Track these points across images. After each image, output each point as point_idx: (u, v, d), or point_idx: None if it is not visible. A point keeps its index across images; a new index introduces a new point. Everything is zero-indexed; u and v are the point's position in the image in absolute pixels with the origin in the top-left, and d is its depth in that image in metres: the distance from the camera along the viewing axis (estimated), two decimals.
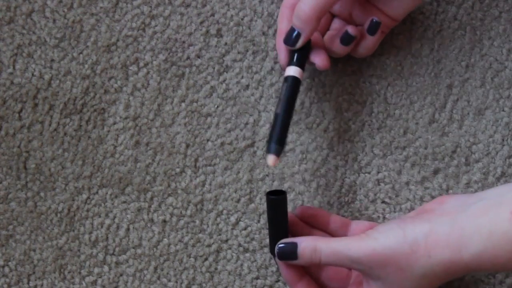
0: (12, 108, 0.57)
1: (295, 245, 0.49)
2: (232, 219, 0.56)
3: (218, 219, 0.56)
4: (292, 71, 0.52)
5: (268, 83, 0.57)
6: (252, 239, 0.56)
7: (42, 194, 0.57)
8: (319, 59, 0.52)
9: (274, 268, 0.56)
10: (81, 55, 0.57)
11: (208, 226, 0.56)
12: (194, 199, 0.57)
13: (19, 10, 0.57)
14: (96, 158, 0.57)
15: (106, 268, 0.56)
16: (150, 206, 0.57)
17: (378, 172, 0.57)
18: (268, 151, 0.49)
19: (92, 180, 0.57)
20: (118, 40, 0.57)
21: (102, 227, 0.57)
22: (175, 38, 0.58)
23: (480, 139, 0.57)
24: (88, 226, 0.57)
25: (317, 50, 0.53)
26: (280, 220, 0.51)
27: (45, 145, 0.57)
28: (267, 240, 0.56)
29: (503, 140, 0.56)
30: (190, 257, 0.56)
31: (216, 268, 0.56)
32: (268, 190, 0.55)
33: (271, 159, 0.49)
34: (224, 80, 0.57)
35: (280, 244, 0.50)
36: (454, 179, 0.56)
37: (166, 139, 0.57)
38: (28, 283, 0.56)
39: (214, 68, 0.58)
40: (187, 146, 0.57)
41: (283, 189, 0.56)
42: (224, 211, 0.56)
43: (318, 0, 0.49)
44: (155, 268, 0.56)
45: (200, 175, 0.57)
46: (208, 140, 0.57)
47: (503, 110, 0.57)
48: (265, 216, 0.56)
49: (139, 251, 0.56)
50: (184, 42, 0.58)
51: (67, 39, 0.57)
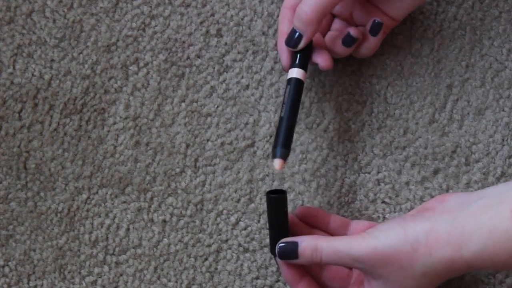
0: (12, 108, 0.57)
1: (295, 244, 0.49)
2: (232, 219, 0.56)
3: (218, 219, 0.56)
4: (295, 73, 0.52)
5: (268, 83, 0.57)
6: (252, 239, 0.56)
7: (42, 194, 0.57)
8: (322, 60, 0.52)
9: (274, 268, 0.56)
10: (81, 55, 0.57)
11: (208, 226, 0.56)
12: (194, 199, 0.57)
13: (19, 10, 0.57)
14: (96, 158, 0.57)
15: (106, 268, 0.56)
16: (150, 206, 0.57)
17: (378, 172, 0.57)
18: (274, 155, 0.49)
19: (92, 180, 0.57)
20: (118, 40, 0.57)
21: (102, 227, 0.56)
22: (175, 38, 0.58)
23: (480, 139, 0.57)
24: (88, 226, 0.57)
25: (319, 50, 0.53)
26: (281, 219, 0.51)
27: (45, 145, 0.57)
28: (267, 240, 0.56)
29: (503, 140, 0.56)
30: (190, 257, 0.56)
31: (216, 268, 0.56)
32: (268, 190, 0.55)
33: (277, 163, 0.49)
34: (224, 80, 0.57)
35: (281, 244, 0.49)
36: (454, 179, 0.56)
37: (166, 139, 0.57)
38: (28, 283, 0.56)
39: (214, 68, 0.58)
40: (187, 146, 0.57)
41: (283, 189, 0.56)
42: (224, 211, 0.56)
43: (319, 1, 0.49)
44: (155, 268, 0.56)
45: (200, 175, 0.57)
46: (208, 140, 0.57)
47: (503, 110, 0.57)
48: (265, 216, 0.56)
49: (139, 251, 0.56)
50: (184, 42, 0.58)
51: (67, 39, 0.57)
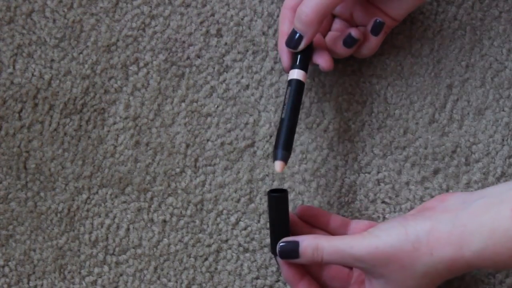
0: (12, 108, 0.57)
1: (296, 243, 0.49)
2: (232, 219, 0.56)
3: (218, 219, 0.56)
4: (296, 74, 0.52)
5: (268, 83, 0.57)
6: (252, 239, 0.56)
7: (42, 194, 0.57)
8: (322, 60, 0.52)
9: (274, 268, 0.56)
10: (81, 55, 0.57)
11: (208, 226, 0.56)
12: (194, 199, 0.57)
13: (19, 10, 0.57)
14: (96, 158, 0.57)
15: (106, 268, 0.56)
16: (150, 206, 0.57)
17: (378, 172, 0.57)
18: (275, 157, 0.49)
19: (92, 180, 0.57)
20: (118, 40, 0.57)
21: (102, 227, 0.56)
22: (175, 38, 0.58)
23: (480, 139, 0.57)
24: (88, 226, 0.57)
25: (320, 51, 0.53)
26: (282, 218, 0.51)
27: (45, 145, 0.57)
28: (267, 240, 0.56)
29: (503, 140, 0.56)
30: (190, 257, 0.56)
31: (216, 268, 0.56)
32: (269, 189, 0.55)
33: (278, 165, 0.49)
34: (224, 80, 0.57)
35: (282, 243, 0.49)
36: (454, 179, 0.56)
37: (166, 139, 0.57)
38: (28, 283, 0.56)
39: (214, 68, 0.58)
40: (187, 146, 0.57)
41: (284, 188, 0.56)
42: (224, 211, 0.56)
43: (320, 2, 0.49)
44: (155, 268, 0.56)
45: (200, 175, 0.57)
46: (208, 140, 0.57)
47: (503, 110, 0.57)
48: (265, 216, 0.56)
49: (139, 251, 0.56)
50: (184, 42, 0.58)
51: (67, 39, 0.57)
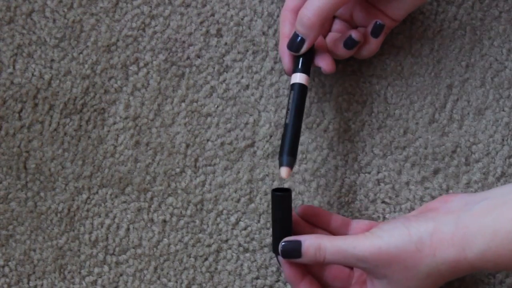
0: (12, 108, 0.57)
1: (299, 243, 0.49)
2: (232, 219, 0.56)
3: (218, 219, 0.56)
4: (298, 78, 0.51)
5: (268, 83, 0.57)
6: (252, 239, 0.56)
7: (42, 194, 0.57)
8: (324, 63, 0.52)
9: (274, 268, 0.56)
10: (81, 55, 0.57)
11: (208, 226, 0.56)
12: (194, 199, 0.57)
13: (19, 10, 0.57)
14: (96, 158, 0.57)
15: (106, 268, 0.56)
16: (150, 206, 0.57)
17: (378, 172, 0.57)
18: (281, 164, 0.49)
19: (92, 180, 0.57)
20: (118, 40, 0.57)
21: (102, 227, 0.56)
22: (175, 38, 0.58)
23: (480, 139, 0.57)
24: (88, 226, 0.57)
25: (321, 54, 0.53)
26: (285, 218, 0.50)
27: (45, 145, 0.57)
28: (267, 240, 0.56)
29: (503, 140, 0.56)
30: (190, 257, 0.56)
31: (216, 268, 0.56)
32: (271, 188, 0.55)
33: (284, 171, 0.49)
34: (224, 80, 0.57)
35: (284, 242, 0.49)
36: (454, 179, 0.56)
37: (166, 139, 0.57)
38: (28, 283, 0.56)
39: (214, 68, 0.58)
40: (187, 146, 0.57)
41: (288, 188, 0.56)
42: (224, 211, 0.56)
43: (321, 6, 0.49)
44: (155, 268, 0.56)
45: (200, 175, 0.57)
46: (208, 140, 0.57)
47: (503, 110, 0.57)
48: (265, 216, 0.56)
49: (139, 251, 0.56)
50: (184, 42, 0.58)
51: (67, 39, 0.57)
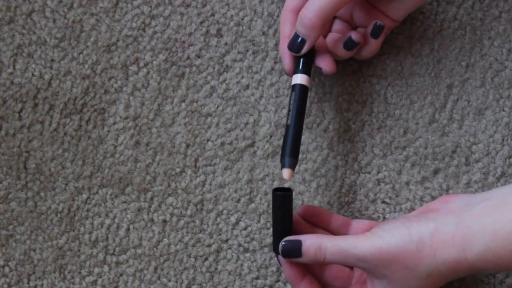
0: (12, 108, 0.57)
1: (299, 242, 0.49)
2: (232, 219, 0.56)
3: (218, 219, 0.56)
4: (299, 79, 0.51)
5: (268, 83, 0.57)
6: (252, 239, 0.56)
7: (42, 194, 0.57)
8: (325, 64, 0.52)
9: (274, 268, 0.56)
10: (81, 55, 0.57)
11: (208, 226, 0.56)
12: (194, 199, 0.57)
13: (19, 10, 0.57)
14: (96, 158, 0.57)
15: (106, 268, 0.56)
16: (150, 206, 0.57)
17: (378, 172, 0.57)
18: (283, 165, 0.49)
19: (92, 180, 0.57)
20: (118, 40, 0.57)
21: (102, 227, 0.56)
22: (175, 38, 0.58)
23: (480, 139, 0.57)
24: (88, 226, 0.57)
25: (322, 54, 0.53)
26: (285, 217, 0.50)
27: (45, 145, 0.57)
28: (267, 240, 0.56)
29: (503, 140, 0.56)
30: (190, 257, 0.56)
31: (216, 268, 0.56)
32: (272, 188, 0.55)
33: (286, 173, 0.49)
34: (224, 80, 0.57)
35: (284, 242, 0.49)
36: (454, 179, 0.56)
37: (166, 139, 0.57)
38: (28, 283, 0.56)
39: (214, 68, 0.58)
40: (187, 146, 0.57)
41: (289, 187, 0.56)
42: (224, 211, 0.56)
43: (322, 7, 0.49)
44: (155, 268, 0.56)
45: (200, 175, 0.57)
46: (208, 140, 0.57)
47: (503, 110, 0.57)
48: (265, 216, 0.56)
49: (139, 251, 0.56)
50: (184, 42, 0.58)
51: (67, 39, 0.57)
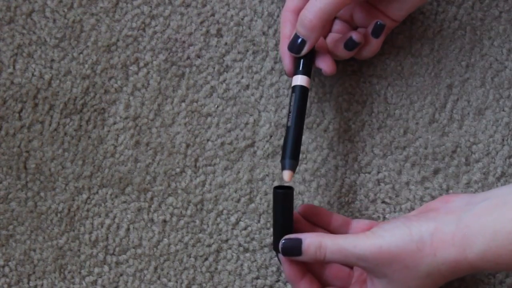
0: (12, 108, 0.57)
1: (299, 241, 0.49)
2: (232, 219, 0.56)
3: (218, 219, 0.56)
4: (299, 80, 0.51)
5: (268, 83, 0.57)
6: (252, 239, 0.56)
7: (42, 194, 0.57)
8: (325, 65, 0.52)
9: (274, 268, 0.56)
10: (81, 55, 0.57)
11: (208, 226, 0.56)
12: (194, 199, 0.57)
13: (19, 10, 0.57)
14: (96, 158, 0.57)
15: (106, 268, 0.56)
16: (150, 206, 0.57)
17: (378, 172, 0.57)
18: (283, 167, 0.49)
19: (92, 180, 0.57)
20: (118, 40, 0.57)
21: (102, 227, 0.56)
22: (175, 38, 0.58)
23: (480, 139, 0.57)
24: (88, 226, 0.57)
25: (322, 55, 0.53)
26: (286, 215, 0.50)
27: (45, 145, 0.57)
28: (267, 240, 0.56)
29: (503, 140, 0.56)
30: (190, 257, 0.56)
31: (216, 268, 0.56)
32: (274, 186, 0.55)
33: (286, 174, 0.49)
34: (224, 80, 0.57)
35: (284, 240, 0.49)
36: (454, 179, 0.56)
37: (166, 139, 0.57)
38: (28, 283, 0.56)
39: (214, 68, 0.58)
40: (187, 146, 0.57)
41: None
42: (224, 211, 0.56)
43: (323, 8, 0.49)
44: (155, 268, 0.56)
45: (200, 175, 0.57)
46: (208, 140, 0.57)
47: (503, 110, 0.57)
48: (265, 216, 0.56)
49: (139, 251, 0.56)
50: (184, 42, 0.58)
51: (67, 39, 0.57)
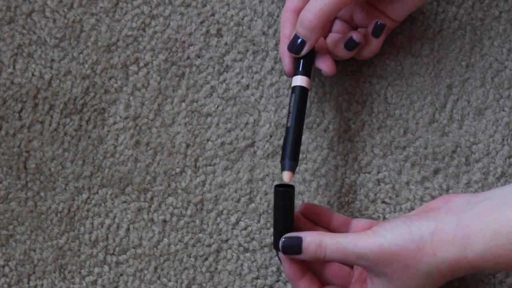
0: (12, 108, 0.57)
1: (299, 239, 0.49)
2: (232, 219, 0.56)
3: (218, 219, 0.56)
4: (299, 80, 0.51)
5: (268, 83, 0.57)
6: (252, 239, 0.56)
7: (42, 194, 0.57)
8: (325, 65, 0.52)
9: (274, 268, 0.56)
10: (81, 55, 0.57)
11: (208, 226, 0.56)
12: (194, 199, 0.57)
13: (19, 10, 0.57)
14: (96, 158, 0.57)
15: (106, 268, 0.56)
16: (150, 206, 0.57)
17: (378, 172, 0.57)
18: (283, 168, 0.50)
19: (92, 180, 0.57)
20: (118, 40, 0.57)
21: (102, 227, 0.56)
22: (175, 38, 0.58)
23: (480, 139, 0.57)
24: (88, 226, 0.57)
25: (322, 55, 0.52)
26: (287, 213, 0.50)
27: (45, 145, 0.57)
28: (267, 240, 0.56)
29: (503, 140, 0.56)
30: (190, 257, 0.56)
31: (216, 268, 0.56)
32: (275, 184, 0.55)
33: (286, 175, 0.49)
34: (224, 80, 0.57)
35: (285, 238, 0.49)
36: (454, 179, 0.56)
37: (166, 139, 0.57)
38: (28, 283, 0.56)
39: (214, 68, 0.58)
40: (187, 146, 0.57)
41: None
42: (224, 211, 0.56)
43: (323, 8, 0.49)
44: (155, 268, 0.56)
45: (200, 175, 0.57)
46: (208, 140, 0.57)
47: (503, 110, 0.57)
48: (265, 216, 0.56)
49: (139, 251, 0.56)
50: (184, 42, 0.58)
51: (67, 39, 0.57)
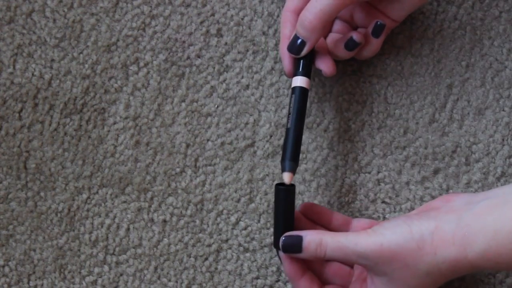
0: (12, 108, 0.57)
1: (300, 238, 0.49)
2: (232, 219, 0.56)
3: (218, 219, 0.56)
4: (299, 81, 0.51)
5: (268, 83, 0.57)
6: (252, 239, 0.56)
7: (42, 194, 0.57)
8: (325, 66, 0.52)
9: (274, 268, 0.56)
10: (81, 55, 0.57)
11: (208, 226, 0.56)
12: (194, 199, 0.57)
13: (19, 10, 0.57)
14: (96, 158, 0.57)
15: (106, 268, 0.56)
16: (150, 206, 0.57)
17: (378, 172, 0.57)
18: (283, 169, 0.50)
19: (92, 180, 0.57)
20: (118, 40, 0.57)
21: (102, 227, 0.56)
22: (175, 38, 0.58)
23: (480, 139, 0.57)
24: (88, 226, 0.57)
25: (322, 56, 0.52)
26: (287, 212, 0.50)
27: (45, 145, 0.57)
28: (267, 240, 0.56)
29: (503, 140, 0.57)
30: (190, 257, 0.56)
31: (216, 268, 0.56)
32: (277, 183, 0.55)
33: (286, 176, 0.49)
34: (224, 80, 0.57)
35: (285, 237, 0.49)
36: (454, 179, 0.56)
37: (166, 139, 0.57)
38: (28, 283, 0.56)
39: (214, 68, 0.58)
40: (187, 146, 0.57)
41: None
42: (224, 211, 0.56)
43: (323, 9, 0.49)
44: (155, 268, 0.56)
45: (200, 175, 0.57)
46: (208, 140, 0.57)
47: (503, 110, 0.57)
48: (265, 216, 0.56)
49: (139, 251, 0.56)
50: (184, 42, 0.58)
51: (67, 39, 0.57)
